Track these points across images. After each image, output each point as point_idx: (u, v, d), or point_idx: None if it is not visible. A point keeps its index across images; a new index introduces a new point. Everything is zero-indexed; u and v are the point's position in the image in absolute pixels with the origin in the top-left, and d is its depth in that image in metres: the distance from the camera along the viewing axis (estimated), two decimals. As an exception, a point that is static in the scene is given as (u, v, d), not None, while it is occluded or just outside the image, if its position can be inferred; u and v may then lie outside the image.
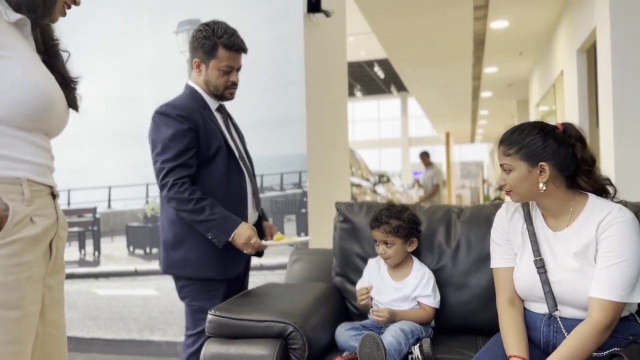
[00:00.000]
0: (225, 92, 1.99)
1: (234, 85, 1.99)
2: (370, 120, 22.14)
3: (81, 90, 1.24)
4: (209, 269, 1.91)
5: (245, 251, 1.88)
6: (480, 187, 16.63)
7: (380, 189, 8.57)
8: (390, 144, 21.68)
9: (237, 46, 1.93)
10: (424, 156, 8.27)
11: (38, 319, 1.07)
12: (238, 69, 1.99)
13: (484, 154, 22.28)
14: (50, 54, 1.15)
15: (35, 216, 1.05)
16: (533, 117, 8.41)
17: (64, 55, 1.19)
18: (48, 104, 1.07)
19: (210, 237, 1.85)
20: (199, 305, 1.86)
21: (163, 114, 1.90)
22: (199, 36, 1.93)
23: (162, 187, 1.86)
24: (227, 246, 1.86)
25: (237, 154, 1.99)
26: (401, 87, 17.13)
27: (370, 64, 13.73)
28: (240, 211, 1.95)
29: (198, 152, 1.88)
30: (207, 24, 1.95)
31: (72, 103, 1.19)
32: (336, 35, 3.90)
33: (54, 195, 1.14)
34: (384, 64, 12.56)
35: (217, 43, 1.91)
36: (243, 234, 1.84)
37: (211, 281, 1.92)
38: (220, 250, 1.87)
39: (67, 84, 1.17)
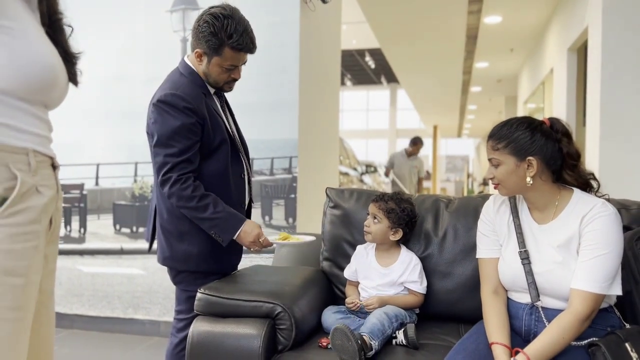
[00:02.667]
0: (225, 86, 1.91)
1: (235, 80, 1.90)
2: (359, 110, 22.15)
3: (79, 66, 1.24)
4: (211, 263, 1.88)
5: (252, 249, 1.84)
6: (465, 181, 16.79)
7: (367, 178, 8.60)
8: (377, 135, 21.73)
9: (246, 48, 1.81)
10: (420, 143, 7.11)
11: (38, 288, 1.09)
12: (243, 64, 1.89)
13: (470, 148, 22.49)
14: (54, 27, 1.15)
15: (40, 186, 1.06)
16: (521, 114, 8.46)
17: (67, 30, 1.18)
18: (52, 77, 1.07)
19: (213, 235, 1.80)
20: (195, 291, 1.79)
21: (169, 104, 1.77)
22: (205, 29, 1.78)
23: (163, 182, 1.76)
24: (230, 242, 1.82)
25: (237, 144, 1.94)
26: (391, 78, 17.15)
27: (361, 53, 13.72)
28: (239, 202, 1.94)
29: (201, 144, 1.81)
30: (215, 16, 1.77)
31: (73, 78, 1.19)
32: (331, 22, 3.90)
33: (54, 167, 1.15)
34: (376, 54, 12.56)
35: (224, 43, 1.78)
36: (251, 232, 1.80)
37: (210, 272, 1.90)
38: (220, 244, 1.83)
39: (69, 59, 1.17)
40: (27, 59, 1.02)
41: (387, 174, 7.23)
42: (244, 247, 1.92)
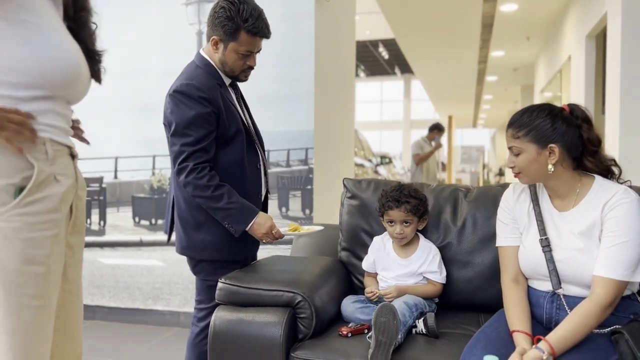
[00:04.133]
0: (241, 74, 1.94)
1: (251, 68, 1.93)
2: (373, 101, 22.05)
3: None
4: (228, 251, 1.90)
5: (264, 241, 1.87)
6: (480, 171, 16.67)
7: (382, 170, 8.58)
8: (392, 126, 21.62)
9: (261, 32, 1.85)
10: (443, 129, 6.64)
11: (61, 276, 1.11)
12: (257, 52, 1.92)
13: (486, 139, 22.28)
14: (78, 24, 1.16)
15: (58, 175, 1.08)
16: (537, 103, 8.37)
17: (92, 27, 1.20)
18: (75, 73, 1.09)
19: (226, 225, 1.82)
20: (215, 280, 1.81)
21: (184, 94, 1.80)
22: (221, 14, 1.83)
23: (179, 171, 1.80)
24: (243, 232, 1.84)
25: (252, 135, 1.96)
26: (405, 69, 17.03)
27: (375, 44, 13.63)
28: (255, 193, 1.95)
29: (217, 134, 1.83)
30: (231, 1, 1.83)
31: (96, 75, 1.20)
32: (346, 13, 3.88)
33: (72, 156, 1.16)
34: (389, 44, 12.48)
35: (240, 27, 1.82)
36: (264, 224, 1.83)
37: (228, 261, 1.92)
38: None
39: (93, 56, 1.18)
40: (51, 55, 1.03)
41: (418, 162, 6.28)
42: None
